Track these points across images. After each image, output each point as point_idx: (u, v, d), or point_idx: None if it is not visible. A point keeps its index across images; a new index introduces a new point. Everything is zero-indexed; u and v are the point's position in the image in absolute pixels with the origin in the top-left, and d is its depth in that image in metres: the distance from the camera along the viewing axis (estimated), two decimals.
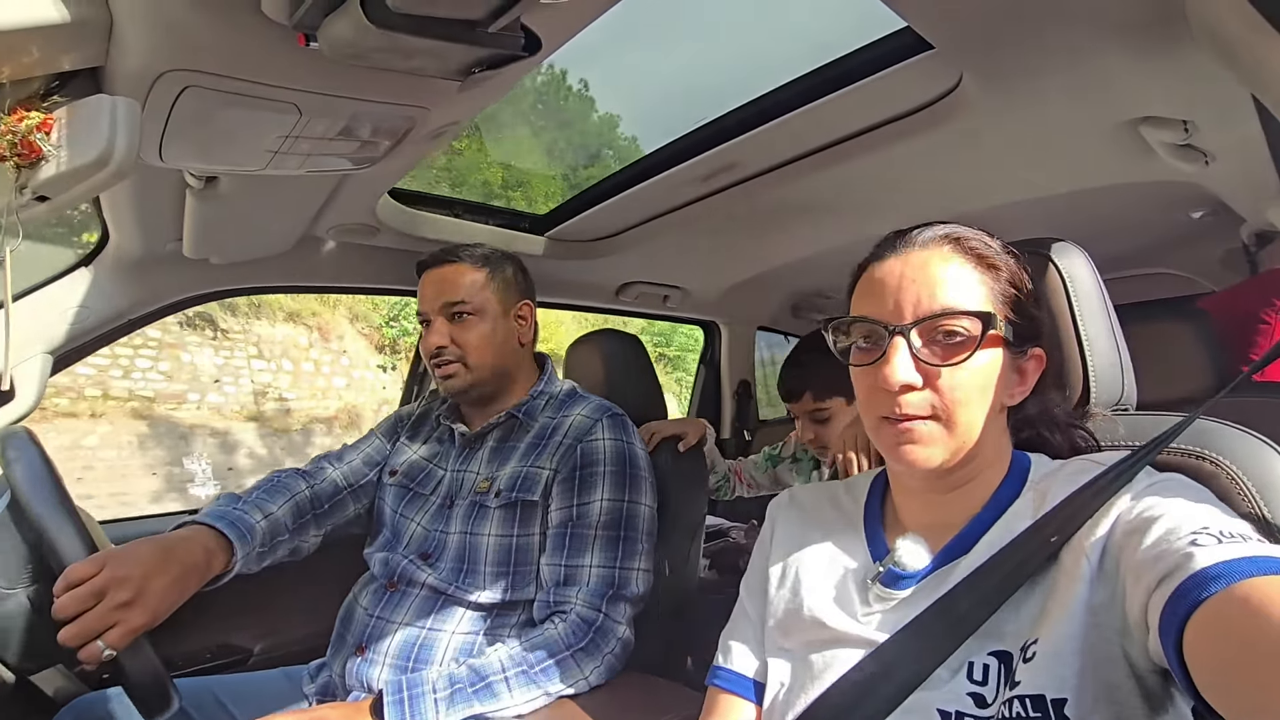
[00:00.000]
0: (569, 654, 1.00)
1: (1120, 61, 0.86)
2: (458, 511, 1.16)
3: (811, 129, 1.14)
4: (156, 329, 6.93)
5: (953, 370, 0.60)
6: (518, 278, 1.27)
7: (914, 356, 0.60)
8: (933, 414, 0.60)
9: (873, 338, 0.63)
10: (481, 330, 1.20)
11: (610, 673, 1.03)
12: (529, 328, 1.27)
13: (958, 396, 0.60)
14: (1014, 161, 1.20)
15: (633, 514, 1.12)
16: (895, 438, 0.61)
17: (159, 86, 0.71)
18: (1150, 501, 0.54)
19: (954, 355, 0.60)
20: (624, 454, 1.16)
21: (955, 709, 0.56)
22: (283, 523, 1.16)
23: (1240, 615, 0.39)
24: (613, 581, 1.07)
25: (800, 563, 0.74)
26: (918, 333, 0.61)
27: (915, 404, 0.60)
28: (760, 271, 1.97)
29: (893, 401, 0.60)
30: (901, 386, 0.59)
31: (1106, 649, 0.51)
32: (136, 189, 1.05)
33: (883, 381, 0.60)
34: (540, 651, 0.99)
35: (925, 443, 0.61)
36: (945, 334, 0.60)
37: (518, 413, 1.21)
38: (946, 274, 0.62)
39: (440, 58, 0.69)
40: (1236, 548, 0.44)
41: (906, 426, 0.61)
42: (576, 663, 1.00)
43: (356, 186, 1.17)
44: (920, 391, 0.60)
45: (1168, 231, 1.85)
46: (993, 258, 0.64)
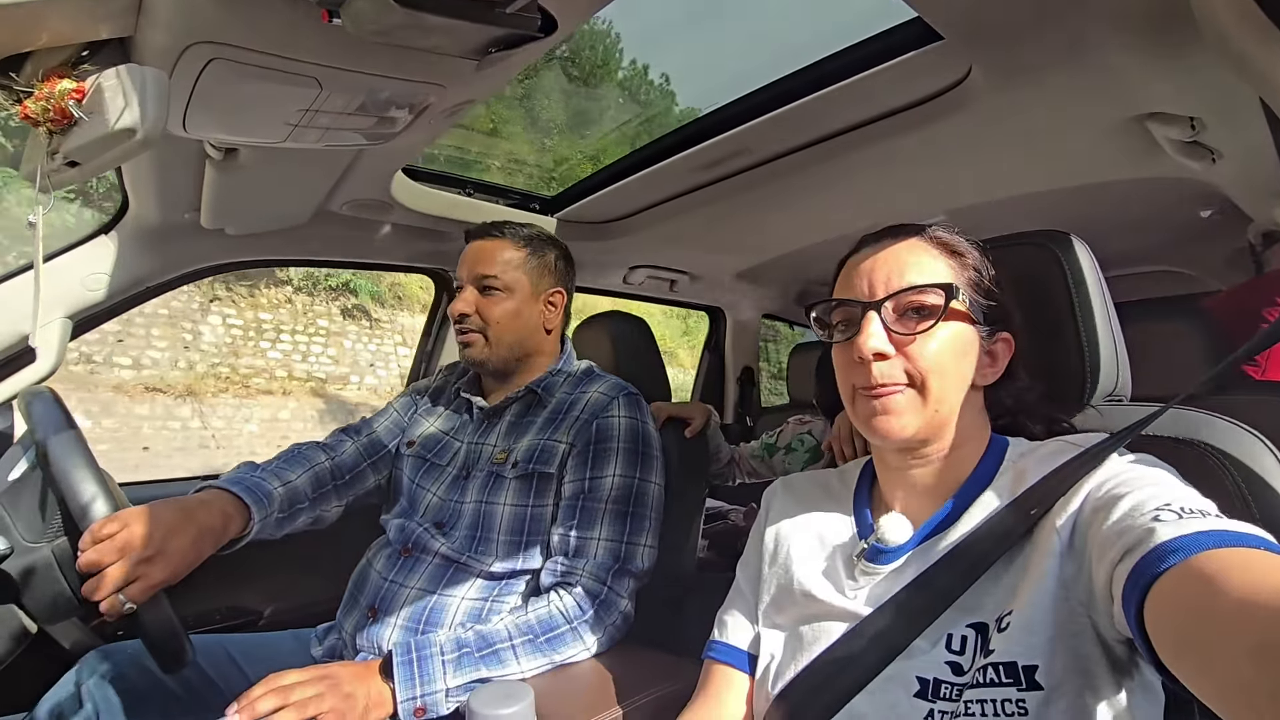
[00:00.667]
0: (573, 625, 1.03)
1: (1129, 57, 0.87)
2: (474, 482, 1.19)
3: (820, 116, 1.15)
4: (324, 319, 8.18)
5: (923, 339, 0.64)
6: (557, 264, 1.30)
7: (886, 328, 0.65)
8: (908, 381, 0.65)
9: (849, 319, 0.68)
10: (506, 307, 1.22)
11: (611, 643, 1.07)
12: (557, 315, 1.29)
13: (929, 364, 0.64)
14: (1021, 154, 1.21)
15: (643, 491, 1.15)
16: (870, 408, 0.66)
17: (186, 58, 0.73)
18: (1118, 480, 0.56)
19: (914, 325, 0.65)
20: (638, 432, 1.18)
21: (934, 676, 0.59)
22: (302, 491, 1.19)
23: (1195, 586, 0.42)
24: (619, 555, 1.10)
25: (792, 542, 0.77)
26: (890, 307, 0.66)
27: (888, 373, 0.64)
28: (767, 259, 1.98)
29: (867, 373, 0.65)
30: (875, 354, 0.64)
31: (1076, 620, 0.54)
32: (158, 158, 1.08)
33: (857, 351, 0.64)
34: (546, 622, 1.03)
35: (898, 412, 0.65)
36: (914, 309, 0.65)
37: (537, 388, 1.24)
38: (913, 258, 0.67)
39: (458, 36, 0.70)
40: (1196, 522, 0.46)
41: (880, 396, 0.65)
42: (580, 634, 1.03)
43: (371, 162, 1.19)
44: (893, 359, 0.65)
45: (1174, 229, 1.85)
46: (956, 245, 0.69)
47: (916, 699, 0.58)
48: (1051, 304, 0.79)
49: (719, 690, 0.75)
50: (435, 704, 0.92)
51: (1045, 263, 0.80)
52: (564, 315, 1.32)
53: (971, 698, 0.55)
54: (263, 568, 1.59)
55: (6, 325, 1.18)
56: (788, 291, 2.47)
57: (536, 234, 1.28)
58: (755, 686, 0.73)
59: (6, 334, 1.18)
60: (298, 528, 1.21)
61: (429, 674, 0.93)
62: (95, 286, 1.27)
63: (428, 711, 0.91)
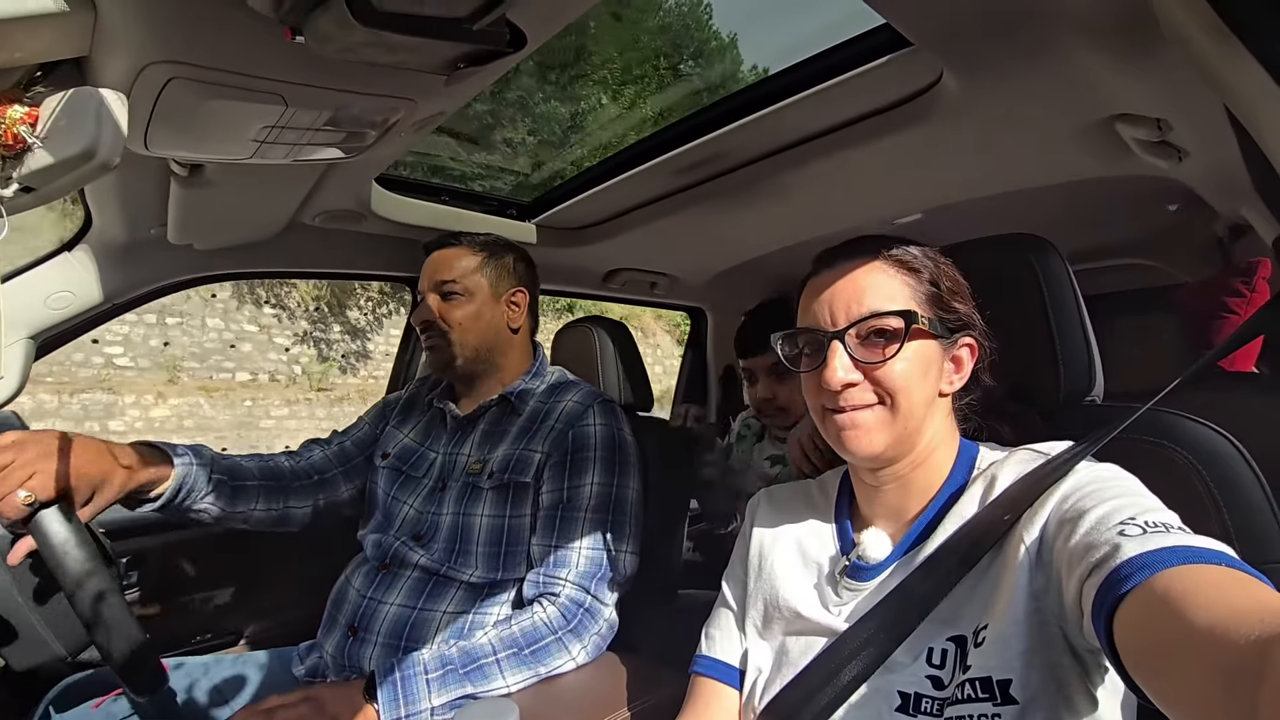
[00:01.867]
0: (558, 636, 1.03)
1: (1096, 61, 0.88)
2: (450, 493, 1.18)
3: (794, 122, 1.16)
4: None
5: (888, 364, 0.66)
6: (516, 266, 1.31)
7: (851, 357, 0.66)
8: (878, 400, 0.66)
9: (814, 345, 0.70)
10: (468, 310, 1.24)
11: (596, 651, 1.07)
12: (521, 314, 1.30)
13: (895, 384, 0.66)
14: (992, 156, 1.22)
15: (621, 498, 1.15)
16: (840, 427, 0.67)
17: (144, 78, 0.71)
18: (1083, 492, 0.57)
19: (876, 353, 0.66)
20: (614, 439, 1.19)
21: (915, 690, 0.59)
22: (248, 469, 1.19)
23: (1161, 607, 0.42)
24: (601, 564, 1.10)
25: (776, 556, 0.77)
26: (851, 335, 0.67)
27: (857, 397, 0.66)
28: (746, 259, 1.99)
29: (837, 397, 0.66)
30: (843, 385, 0.66)
31: (1048, 631, 0.55)
32: (120, 176, 1.05)
33: (825, 383, 0.66)
34: (530, 634, 1.02)
35: (868, 428, 0.66)
36: (875, 333, 0.67)
37: (510, 395, 1.24)
38: (870, 281, 0.68)
39: (425, 53, 0.69)
40: (1160, 538, 0.47)
41: (850, 415, 0.66)
42: (565, 644, 1.03)
43: (343, 174, 1.17)
44: (859, 386, 0.66)
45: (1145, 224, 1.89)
46: (912, 261, 0.70)
47: (898, 713, 0.59)
48: (1024, 307, 0.79)
49: (707, 705, 0.75)
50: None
51: (1017, 266, 0.81)
52: (531, 316, 1.33)
53: (952, 713, 0.56)
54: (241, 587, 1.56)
55: None
56: (768, 291, 2.48)
57: (493, 239, 1.30)
58: (743, 702, 0.73)
59: None
60: (262, 520, 1.21)
61: (413, 694, 0.93)
62: (59, 305, 1.24)
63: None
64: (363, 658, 1.10)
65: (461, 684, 0.95)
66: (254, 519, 1.22)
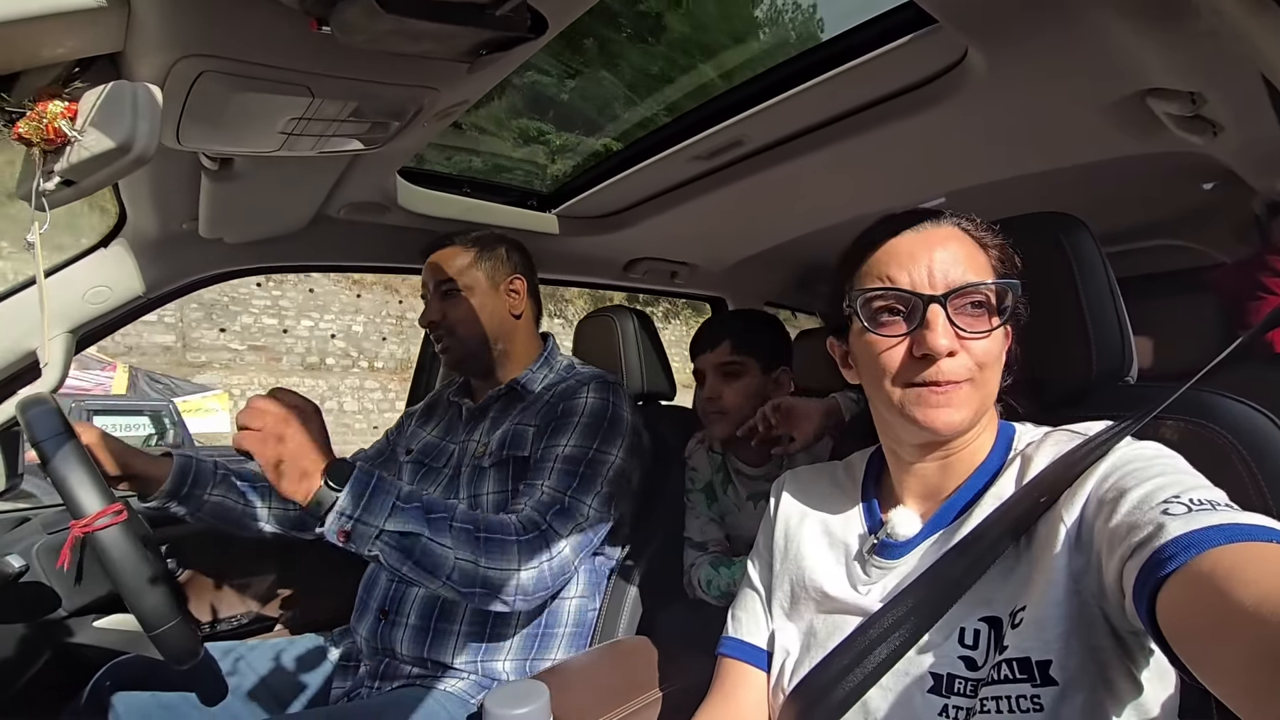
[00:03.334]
0: (513, 540, 1.02)
1: (1126, 34, 0.86)
2: (463, 479, 1.22)
3: (816, 104, 1.14)
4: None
5: (990, 337, 0.63)
6: (510, 256, 1.35)
7: (953, 325, 0.62)
8: (968, 377, 0.63)
9: (907, 309, 0.64)
10: (469, 305, 1.28)
11: (541, 587, 1.04)
12: (521, 301, 1.34)
13: (988, 359, 0.63)
14: (1020, 135, 1.19)
15: (597, 460, 1.15)
16: (932, 402, 0.63)
17: (176, 71, 0.72)
18: (1124, 471, 0.56)
19: (981, 325, 0.63)
20: (603, 410, 1.20)
21: (947, 671, 0.59)
22: (256, 471, 1.25)
23: (1207, 585, 0.41)
24: (561, 502, 1.10)
25: (802, 537, 0.77)
26: (950, 303, 0.63)
27: (954, 370, 0.62)
28: (767, 247, 1.97)
29: (931, 369, 0.62)
30: (948, 352, 0.61)
31: (1088, 612, 0.54)
32: (153, 171, 1.07)
33: (928, 348, 0.61)
34: (492, 524, 1.02)
35: (958, 405, 0.63)
36: (972, 304, 0.63)
37: (517, 384, 1.27)
38: (962, 250, 0.65)
39: (448, 41, 0.70)
40: (1206, 516, 0.46)
41: (945, 391, 0.62)
42: (516, 553, 1.01)
43: (368, 166, 1.19)
44: (957, 357, 0.62)
45: (1178, 203, 1.84)
46: (986, 238, 0.68)
47: (930, 694, 0.58)
48: (1054, 287, 0.78)
49: (735, 688, 0.76)
50: (363, 536, 0.90)
51: (1046, 245, 0.79)
52: (532, 301, 1.37)
53: (987, 694, 0.55)
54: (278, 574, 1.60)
55: (11, 341, 1.19)
56: (789, 279, 2.47)
57: (484, 234, 1.35)
58: (771, 684, 0.73)
59: (11, 349, 1.19)
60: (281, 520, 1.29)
61: (375, 507, 0.91)
62: (97, 300, 1.28)
63: (351, 539, 0.89)
64: (394, 640, 1.13)
65: (419, 524, 0.94)
66: (273, 518, 1.28)
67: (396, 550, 0.92)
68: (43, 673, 1.13)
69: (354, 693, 1.15)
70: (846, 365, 0.74)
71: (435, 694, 1.08)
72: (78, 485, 0.82)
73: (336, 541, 0.89)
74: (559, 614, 1.19)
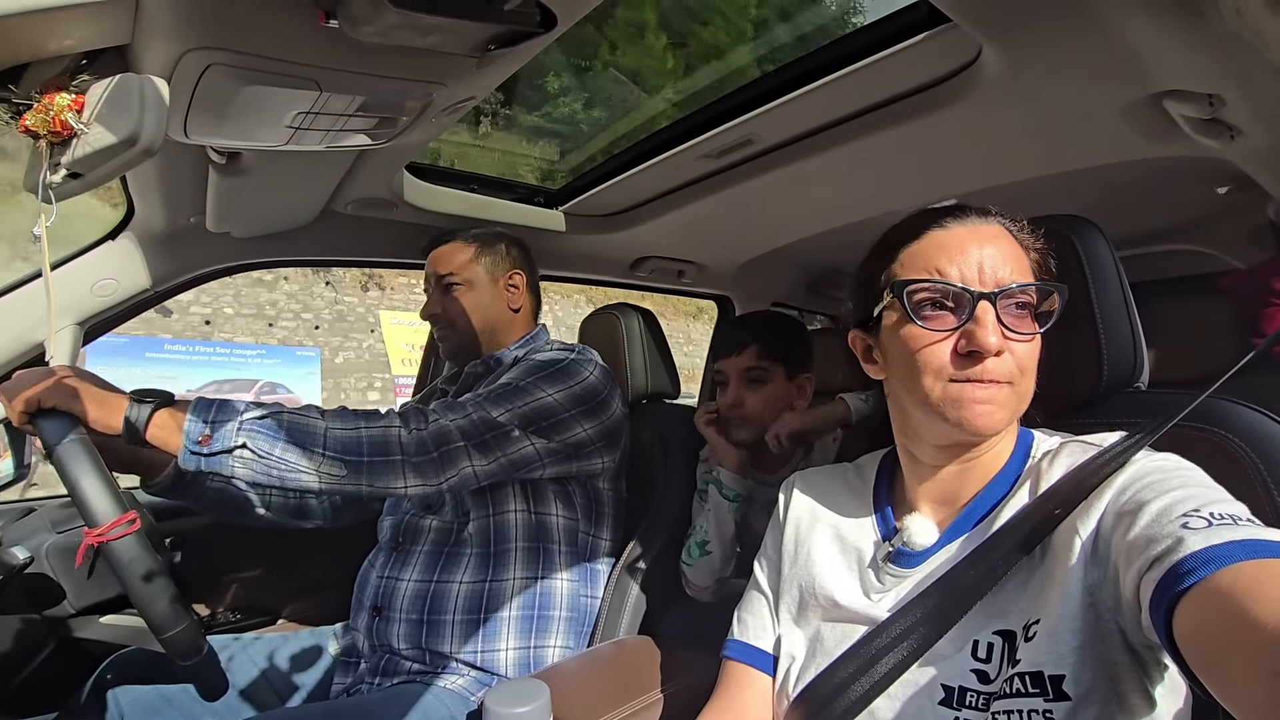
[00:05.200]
0: (391, 413, 1.02)
1: (1143, 34, 0.84)
2: None
3: (827, 103, 1.13)
4: None
5: (1034, 340, 0.62)
6: (510, 251, 1.38)
7: (1001, 323, 0.61)
8: (1009, 379, 0.61)
9: (955, 303, 0.62)
10: (470, 299, 1.32)
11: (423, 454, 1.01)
12: (521, 295, 1.37)
13: (1026, 363, 0.62)
14: (1034, 136, 1.18)
15: (524, 390, 1.13)
16: (971, 398, 0.60)
17: (184, 64, 0.72)
18: (1143, 483, 0.55)
19: (1027, 326, 0.62)
20: (554, 360, 1.21)
21: (959, 684, 0.58)
22: None
23: (1226, 602, 0.41)
24: (459, 405, 1.08)
25: (812, 542, 0.76)
26: (999, 302, 0.61)
27: (999, 370, 0.60)
28: (775, 247, 1.96)
29: (977, 366, 0.60)
30: (996, 350, 0.60)
31: (1103, 626, 0.53)
32: (160, 164, 1.07)
33: (977, 344, 0.59)
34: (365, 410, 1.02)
35: (999, 406, 0.61)
36: (1017, 305, 0.62)
37: (492, 358, 1.31)
38: (1009, 249, 0.64)
39: (457, 35, 0.69)
40: (1227, 531, 0.45)
41: (989, 390, 0.60)
42: (396, 419, 1.01)
43: (375, 161, 1.18)
44: (1002, 357, 0.61)
45: (1193, 207, 1.81)
46: (1028, 240, 0.67)
47: (941, 707, 0.57)
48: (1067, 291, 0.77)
49: (739, 691, 0.75)
50: (224, 432, 0.89)
51: (1060, 248, 0.78)
52: (532, 296, 1.40)
53: (999, 708, 0.54)
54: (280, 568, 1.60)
55: (18, 332, 1.19)
56: (798, 279, 2.45)
57: (484, 231, 1.38)
58: (776, 689, 0.73)
59: (19, 341, 1.20)
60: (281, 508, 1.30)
61: (229, 407, 0.91)
62: (104, 292, 1.28)
63: (213, 440, 0.89)
64: (390, 635, 1.13)
65: (279, 408, 0.94)
66: (274, 505, 1.28)
67: (262, 432, 0.90)
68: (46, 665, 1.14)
69: (354, 688, 1.15)
70: (870, 360, 0.71)
71: (435, 690, 1.08)
72: (92, 494, 0.82)
73: (197, 449, 0.88)
74: (550, 595, 1.20)
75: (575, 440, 1.17)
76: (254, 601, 1.57)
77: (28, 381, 0.83)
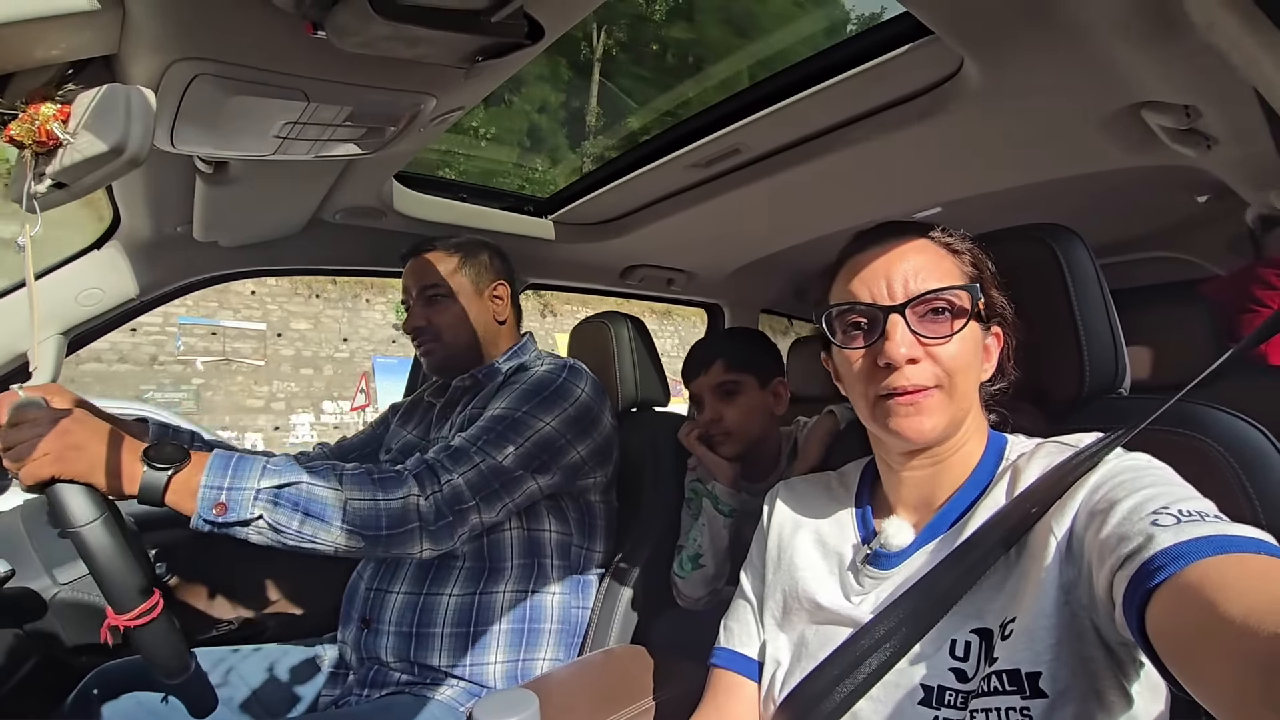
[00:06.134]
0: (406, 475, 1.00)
1: (1122, 46, 0.86)
2: None
3: (813, 113, 1.15)
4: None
5: (952, 340, 0.64)
6: (493, 261, 1.35)
7: (913, 333, 0.63)
8: (936, 383, 0.63)
9: (868, 322, 0.66)
10: (455, 310, 1.28)
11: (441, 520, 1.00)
12: (505, 306, 1.35)
13: (955, 364, 0.64)
14: (1015, 146, 1.20)
15: (523, 421, 1.12)
16: (900, 411, 0.64)
17: (170, 74, 0.72)
18: (1115, 482, 0.56)
19: (943, 329, 0.64)
20: (549, 380, 1.18)
21: (938, 683, 0.58)
22: (233, 446, 1.23)
23: (1197, 596, 0.41)
24: (464, 451, 1.06)
25: (795, 548, 0.77)
26: (910, 312, 0.64)
27: (919, 376, 0.63)
28: (764, 255, 1.98)
29: (897, 377, 0.63)
30: (907, 359, 0.62)
31: (1079, 624, 0.54)
32: (147, 173, 1.07)
33: (887, 357, 0.62)
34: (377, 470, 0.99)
35: (929, 413, 0.63)
36: (934, 311, 0.64)
37: (480, 373, 1.28)
38: (925, 259, 0.66)
39: (445, 46, 0.70)
40: (1195, 527, 0.46)
41: (912, 399, 0.63)
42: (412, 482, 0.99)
43: (363, 171, 1.19)
44: (921, 364, 0.63)
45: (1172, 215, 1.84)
46: (955, 244, 0.69)
47: (921, 706, 0.58)
48: (1048, 298, 0.78)
49: (726, 698, 0.75)
50: (239, 502, 0.86)
51: (1042, 256, 0.79)
52: (514, 308, 1.38)
53: (976, 706, 0.55)
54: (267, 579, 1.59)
55: (1, 343, 1.18)
56: (786, 287, 2.47)
57: (466, 239, 1.35)
58: (762, 695, 0.73)
59: (1, 351, 1.18)
60: None
61: (245, 470, 0.88)
62: (89, 302, 1.27)
63: (229, 510, 0.85)
64: (378, 648, 1.12)
65: (295, 472, 0.91)
66: None
67: (280, 506, 0.88)
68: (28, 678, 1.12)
69: (342, 700, 1.14)
70: (837, 378, 0.75)
71: (424, 701, 1.07)
72: (118, 580, 0.77)
73: (212, 518, 0.84)
74: (541, 609, 1.19)
75: (572, 464, 1.17)
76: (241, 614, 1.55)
77: (25, 436, 0.76)
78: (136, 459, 0.82)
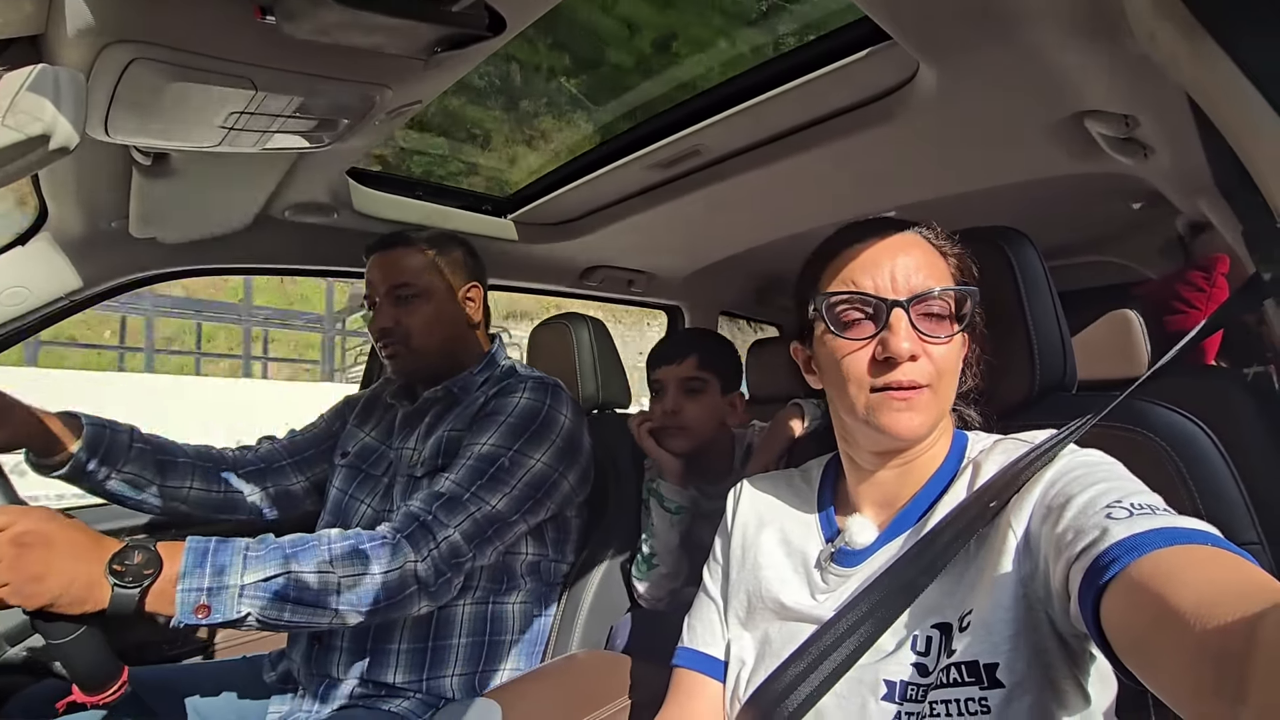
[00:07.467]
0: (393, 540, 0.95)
1: (1066, 56, 0.90)
2: (396, 489, 1.16)
3: (772, 116, 1.16)
4: None
5: (950, 342, 0.64)
6: (466, 260, 1.27)
7: (916, 330, 0.63)
8: (928, 382, 0.64)
9: (871, 312, 0.65)
10: (427, 312, 1.19)
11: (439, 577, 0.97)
12: (478, 309, 1.28)
13: (944, 366, 0.64)
14: (967, 151, 1.24)
15: (515, 463, 1.08)
16: (894, 406, 0.63)
17: (104, 58, 0.68)
18: (1069, 477, 0.57)
19: (943, 330, 0.64)
20: (534, 411, 1.13)
21: (900, 678, 0.59)
22: (179, 447, 1.19)
23: (1149, 588, 0.43)
24: (456, 498, 1.02)
25: (759, 546, 0.77)
26: (913, 308, 0.64)
27: (916, 373, 0.63)
28: (724, 256, 1.99)
29: (897, 372, 0.63)
30: (910, 355, 0.62)
31: (1035, 616, 0.55)
32: (77, 164, 1.01)
33: (892, 350, 0.62)
34: (365, 535, 0.95)
35: (919, 410, 0.64)
36: (934, 310, 0.65)
37: (454, 387, 1.21)
38: (924, 257, 0.67)
39: (402, 36, 0.68)
40: (1146, 520, 0.48)
41: (906, 395, 0.63)
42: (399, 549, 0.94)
43: (315, 165, 1.14)
44: (919, 361, 0.63)
45: (1110, 221, 1.93)
46: (945, 246, 0.70)
47: (885, 702, 0.59)
48: (1000, 299, 0.80)
49: (690, 699, 0.75)
50: (224, 602, 0.80)
51: (995, 258, 0.82)
52: (483, 309, 1.30)
53: (935, 698, 0.56)
54: None
55: None
56: (746, 288, 2.49)
57: (436, 234, 1.27)
58: (728, 694, 0.73)
59: None
60: (202, 502, 1.20)
61: (224, 564, 0.81)
62: (13, 301, 1.19)
63: (213, 612, 0.80)
64: (330, 664, 1.08)
65: (279, 561, 0.85)
66: (192, 499, 1.19)
67: (268, 599, 0.83)
68: None
69: (291, 716, 1.10)
70: (810, 371, 0.75)
71: (378, 715, 1.03)
72: (89, 669, 0.75)
73: (194, 621, 0.79)
74: (503, 620, 1.15)
75: (563, 495, 1.15)
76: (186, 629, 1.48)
77: None
78: (103, 576, 0.75)
